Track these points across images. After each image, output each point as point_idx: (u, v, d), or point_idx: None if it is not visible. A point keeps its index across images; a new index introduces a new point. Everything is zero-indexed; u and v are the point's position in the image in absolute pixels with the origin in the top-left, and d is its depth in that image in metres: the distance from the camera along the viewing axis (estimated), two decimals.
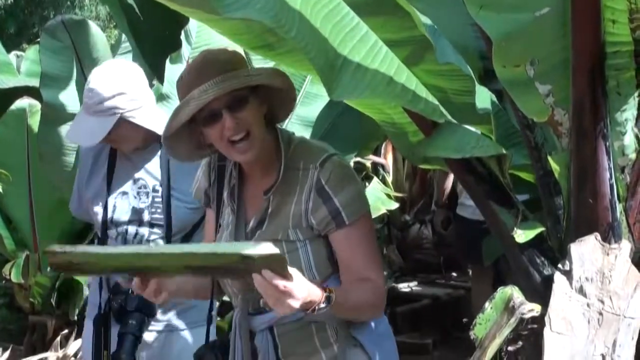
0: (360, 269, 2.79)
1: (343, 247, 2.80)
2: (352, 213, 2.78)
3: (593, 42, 2.70)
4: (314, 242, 2.81)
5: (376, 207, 6.93)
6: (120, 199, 3.97)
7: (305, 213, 2.78)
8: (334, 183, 2.76)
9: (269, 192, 2.84)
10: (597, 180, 2.83)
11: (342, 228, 2.77)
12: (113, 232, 3.97)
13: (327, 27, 2.63)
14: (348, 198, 2.77)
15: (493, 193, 3.13)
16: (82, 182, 4.08)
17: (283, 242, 2.79)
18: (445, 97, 3.26)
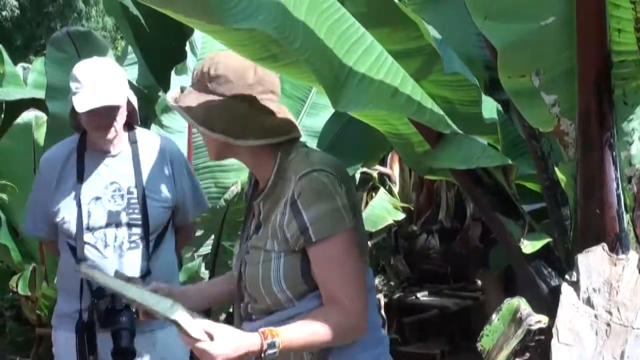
0: (330, 290, 2.70)
1: (315, 264, 2.71)
2: (320, 231, 2.66)
3: (599, 52, 2.69)
4: (288, 255, 2.73)
5: (383, 218, 6.93)
6: (94, 204, 3.99)
7: (280, 225, 2.72)
8: (305, 198, 2.67)
9: (257, 199, 2.84)
10: (604, 191, 2.82)
11: (312, 245, 2.68)
12: (90, 237, 3.97)
13: (332, 38, 2.62)
14: (318, 215, 2.66)
15: (499, 204, 3.12)
16: (45, 195, 4.04)
17: (262, 250, 2.77)
18: (451, 107, 3.25)
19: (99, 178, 4.01)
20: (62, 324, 4.10)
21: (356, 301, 2.70)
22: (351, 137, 5.65)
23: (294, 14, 2.48)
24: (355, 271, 2.73)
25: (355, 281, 2.71)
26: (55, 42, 5.69)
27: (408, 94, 2.75)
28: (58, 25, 27.42)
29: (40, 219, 4.13)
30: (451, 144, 3.11)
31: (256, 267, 2.77)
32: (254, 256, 2.80)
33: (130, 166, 4.03)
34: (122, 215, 3.99)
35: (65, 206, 3.99)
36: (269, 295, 2.74)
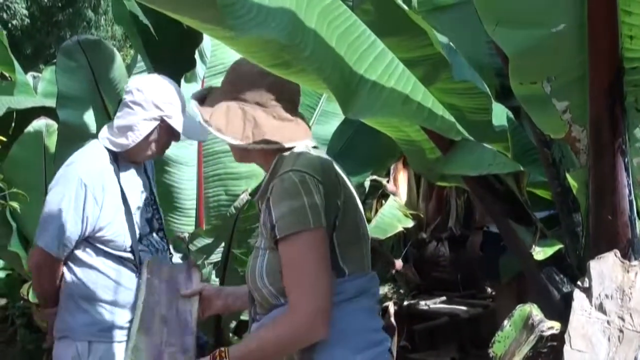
0: (287, 286, 2.73)
1: (281, 258, 2.74)
2: (283, 228, 2.70)
3: (610, 58, 2.69)
4: (271, 252, 2.78)
5: (393, 225, 6.93)
6: (137, 213, 4.07)
7: (264, 222, 2.80)
8: (275, 196, 2.73)
9: (254, 197, 2.97)
10: (616, 197, 2.82)
11: (279, 241, 2.72)
12: (142, 246, 4.05)
13: (342, 46, 2.62)
14: (282, 212, 2.70)
15: (511, 211, 3.12)
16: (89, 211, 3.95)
17: (255, 247, 2.88)
18: (461, 115, 3.25)
19: (134, 188, 4.09)
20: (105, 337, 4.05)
21: (305, 304, 2.69)
22: (361, 144, 5.65)
23: (305, 22, 2.48)
24: (312, 273, 2.71)
25: (310, 283, 2.70)
26: (65, 51, 5.70)
27: (419, 101, 2.75)
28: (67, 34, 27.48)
29: (69, 237, 3.99)
30: (462, 151, 3.11)
31: (250, 263, 2.87)
32: (253, 254, 2.88)
33: (144, 175, 4.18)
34: (154, 221, 4.16)
35: (116, 219, 3.99)
36: (257, 291, 2.81)
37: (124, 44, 26.73)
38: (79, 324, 4.05)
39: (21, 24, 26.26)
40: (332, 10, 2.63)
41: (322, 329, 2.69)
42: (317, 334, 2.70)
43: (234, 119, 2.79)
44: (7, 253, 6.85)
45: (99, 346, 4.05)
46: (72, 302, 4.08)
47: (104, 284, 4.02)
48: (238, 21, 2.28)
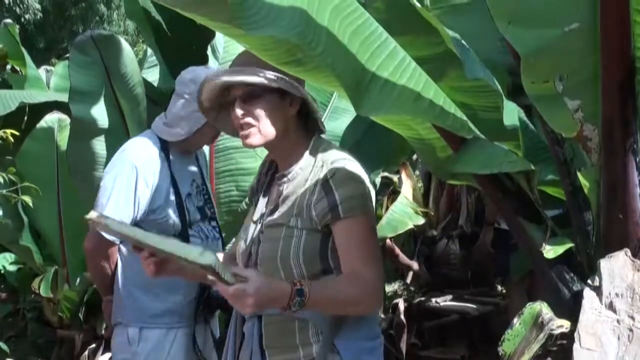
0: (353, 261, 2.85)
1: (339, 238, 2.87)
2: (349, 209, 2.85)
3: (623, 57, 2.69)
4: (310, 234, 2.89)
5: (403, 222, 6.92)
6: (188, 200, 4.16)
7: (308, 204, 2.90)
8: (339, 178, 2.87)
9: (282, 178, 3.02)
10: (627, 196, 2.82)
11: (338, 221, 2.85)
12: (191, 231, 4.14)
13: (355, 43, 2.63)
14: (348, 194, 2.86)
15: (522, 209, 3.12)
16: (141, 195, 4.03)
17: (284, 227, 2.93)
18: (472, 113, 3.25)
19: (185, 177, 4.19)
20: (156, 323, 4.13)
21: (376, 275, 2.86)
22: (372, 141, 5.65)
23: (316, 20, 2.49)
24: (376, 251, 2.93)
25: (375, 258, 2.90)
26: (78, 46, 5.71)
27: (430, 98, 2.76)
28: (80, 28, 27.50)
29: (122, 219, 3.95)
30: (474, 149, 3.11)
31: (276, 242, 2.93)
32: (273, 233, 2.96)
33: (196, 165, 4.30)
34: (206, 209, 4.25)
35: (166, 204, 4.09)
36: (285, 268, 2.89)
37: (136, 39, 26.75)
38: (130, 310, 4.16)
39: (34, 18, 26.27)
40: (344, 8, 2.64)
41: (378, 306, 3.01)
42: (376, 303, 2.94)
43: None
44: (18, 247, 6.89)
45: (150, 332, 4.14)
46: (125, 288, 4.18)
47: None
48: (249, 20, 2.29)
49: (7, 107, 6.85)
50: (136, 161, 4.06)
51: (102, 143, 5.80)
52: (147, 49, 7.74)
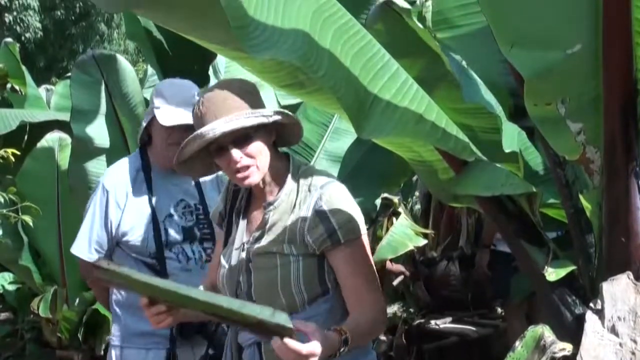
0: (358, 288, 2.88)
1: (341, 267, 2.89)
2: (348, 233, 2.86)
3: (625, 80, 2.69)
4: (306, 259, 2.90)
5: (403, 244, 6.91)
6: (168, 221, 4.09)
7: (300, 231, 2.89)
8: (332, 204, 2.87)
9: (269, 206, 2.98)
10: (630, 219, 2.82)
11: (338, 247, 2.86)
12: (169, 253, 4.07)
13: (357, 65, 2.63)
14: (345, 219, 2.87)
15: (523, 231, 3.12)
16: (113, 216, 4.07)
17: (277, 255, 2.92)
18: (474, 135, 3.25)
19: (168, 196, 4.13)
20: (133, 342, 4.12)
21: (379, 299, 2.93)
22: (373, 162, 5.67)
23: (319, 42, 2.49)
24: (374, 271, 2.96)
25: (375, 278, 2.95)
26: (80, 65, 5.74)
27: (432, 120, 2.76)
28: (80, 47, 27.57)
29: (98, 241, 4.13)
30: (475, 171, 3.11)
31: (271, 270, 2.92)
32: (265, 261, 2.94)
33: (192, 184, 4.17)
34: (194, 230, 4.14)
35: (140, 225, 4.06)
36: (287, 297, 2.90)
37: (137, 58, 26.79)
38: (116, 330, 4.17)
39: (34, 37, 26.33)
40: (347, 30, 2.65)
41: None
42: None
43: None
44: (18, 267, 6.88)
45: (129, 352, 4.13)
46: (113, 309, 4.20)
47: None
48: (251, 42, 2.28)
49: (7, 126, 6.86)
50: (108, 185, 4.12)
51: (103, 162, 5.81)
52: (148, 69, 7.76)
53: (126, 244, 4.07)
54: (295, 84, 2.77)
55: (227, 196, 3.21)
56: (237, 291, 3.00)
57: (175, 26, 2.67)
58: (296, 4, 2.45)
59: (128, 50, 28.84)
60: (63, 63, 27.62)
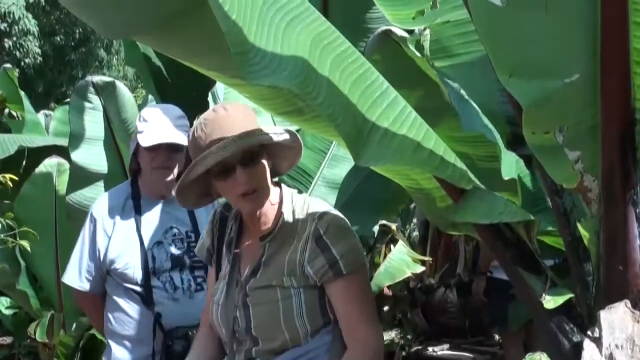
0: (352, 325, 2.83)
1: (340, 298, 2.85)
2: (350, 263, 2.83)
3: (623, 109, 2.69)
4: (307, 290, 2.85)
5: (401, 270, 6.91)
6: (156, 249, 4.07)
7: (301, 262, 2.84)
8: (333, 234, 2.83)
9: (266, 239, 2.93)
10: (627, 247, 2.82)
11: (339, 278, 2.82)
12: (157, 282, 4.04)
13: (356, 93, 2.63)
14: (346, 249, 2.83)
15: (521, 259, 3.12)
16: (100, 243, 4.10)
17: (277, 288, 2.86)
18: (471, 162, 3.26)
19: (157, 223, 4.11)
20: None
21: (377, 337, 2.88)
22: (371, 189, 5.67)
23: (317, 70, 2.48)
24: (373, 306, 2.93)
25: (375, 318, 2.90)
26: (79, 91, 5.76)
27: (431, 148, 2.76)
28: (80, 73, 27.65)
29: (88, 270, 4.15)
30: (473, 199, 3.11)
31: (272, 304, 2.86)
32: (264, 296, 2.88)
33: (184, 211, 4.11)
34: (184, 258, 4.10)
35: (126, 252, 4.06)
36: (290, 331, 2.84)
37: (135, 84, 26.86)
38: (107, 357, 4.18)
39: (34, 62, 26.39)
40: (345, 58, 2.65)
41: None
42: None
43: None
44: (15, 291, 6.88)
45: None
46: (104, 336, 4.23)
47: (119, 318, 4.10)
48: (251, 69, 2.28)
49: (5, 151, 6.87)
50: (96, 213, 4.16)
51: (101, 188, 5.82)
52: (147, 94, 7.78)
53: (115, 272, 4.08)
54: (293, 111, 2.77)
55: (214, 229, 3.15)
56: (235, 327, 2.95)
57: (174, 53, 2.68)
58: (296, 31, 2.46)
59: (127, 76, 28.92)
60: (62, 88, 27.69)
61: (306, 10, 2.52)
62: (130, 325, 4.08)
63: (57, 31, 28.01)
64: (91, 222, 4.15)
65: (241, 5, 2.26)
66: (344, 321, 2.84)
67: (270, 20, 2.37)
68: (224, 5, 2.17)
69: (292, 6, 2.47)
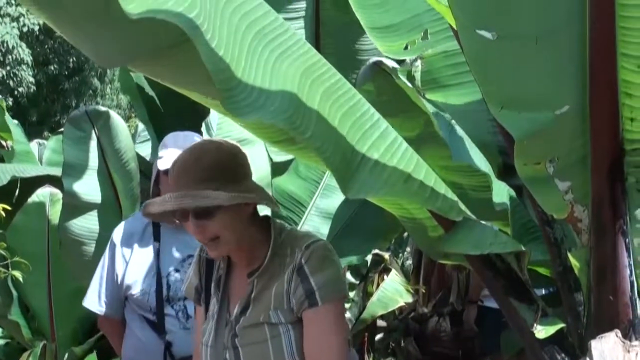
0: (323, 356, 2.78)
1: (311, 328, 2.78)
2: (326, 294, 2.77)
3: (612, 140, 2.72)
4: (296, 328, 2.80)
5: (394, 300, 6.91)
6: (172, 276, 4.08)
7: (286, 293, 2.80)
8: (313, 264, 2.79)
9: (253, 275, 2.88)
10: (617, 277, 2.83)
11: (313, 307, 2.76)
12: (170, 310, 4.05)
13: (346, 125, 2.62)
14: (325, 280, 2.78)
15: (512, 289, 3.13)
16: (119, 268, 4.13)
17: (265, 324, 2.81)
18: (463, 193, 3.27)
19: (175, 251, 4.12)
20: None
21: None
22: (364, 219, 5.67)
23: (307, 103, 2.47)
24: (345, 339, 2.83)
25: (344, 349, 2.81)
26: (73, 121, 5.74)
27: (421, 180, 2.77)
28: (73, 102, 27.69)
29: (109, 294, 4.19)
30: (464, 229, 3.12)
31: (262, 344, 2.81)
32: (254, 335, 2.83)
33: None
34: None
35: (142, 279, 4.08)
36: None
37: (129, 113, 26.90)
38: None
39: (27, 91, 26.43)
40: (335, 90, 2.64)
41: None
42: None
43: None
44: (7, 322, 6.84)
45: None
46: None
47: (133, 344, 4.15)
48: (237, 105, 2.25)
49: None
50: (116, 238, 4.19)
51: (94, 218, 5.80)
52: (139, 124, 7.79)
53: (131, 298, 4.12)
54: (286, 141, 2.77)
55: (200, 268, 3.10)
56: None
57: (169, 81, 2.69)
58: (284, 64, 2.45)
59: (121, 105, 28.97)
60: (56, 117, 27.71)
61: (296, 44, 2.52)
62: (142, 352, 4.10)
63: (50, 60, 28.06)
64: (111, 248, 4.19)
65: (229, 41, 2.26)
66: (311, 352, 2.78)
67: (259, 55, 2.36)
68: (211, 42, 2.17)
69: (281, 40, 2.47)
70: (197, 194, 2.71)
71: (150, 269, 4.09)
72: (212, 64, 2.15)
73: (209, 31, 2.18)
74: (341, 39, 5.95)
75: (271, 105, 2.31)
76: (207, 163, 2.79)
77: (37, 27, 26.12)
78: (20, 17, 25.83)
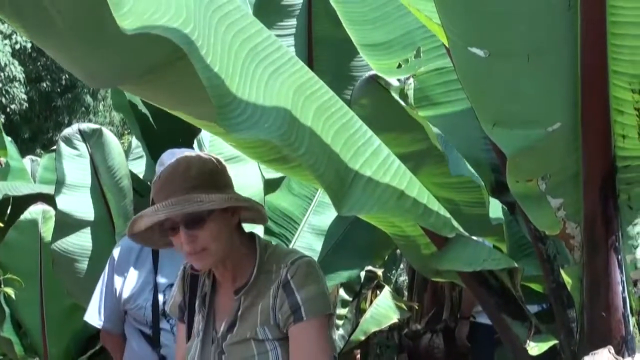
0: None
1: (295, 343, 2.76)
2: (312, 310, 2.75)
3: (603, 157, 2.72)
4: (284, 344, 2.79)
5: (387, 316, 6.91)
6: (168, 291, 4.07)
7: (272, 309, 2.78)
8: (299, 279, 2.77)
9: (240, 292, 2.87)
10: (610, 294, 2.83)
11: (298, 322, 2.75)
12: (166, 324, 4.09)
13: (339, 142, 2.64)
14: (310, 295, 2.77)
15: (505, 306, 3.13)
16: (118, 283, 4.17)
17: (252, 341, 2.80)
18: (456, 208, 3.28)
19: (173, 266, 4.08)
20: None
21: None
22: (357, 236, 5.67)
23: (300, 120, 2.48)
24: (330, 353, 2.80)
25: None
26: (66, 138, 5.74)
27: (414, 197, 2.78)
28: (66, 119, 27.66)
29: (109, 308, 4.25)
30: (457, 246, 3.12)
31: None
32: (240, 351, 2.81)
33: None
34: None
35: (140, 293, 4.14)
36: None
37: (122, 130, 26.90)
38: None
39: (20, 108, 26.42)
40: (328, 107, 2.65)
41: None
42: None
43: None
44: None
45: None
46: None
47: (131, 358, 4.14)
48: (232, 122, 2.25)
49: None
50: (115, 254, 4.26)
51: (87, 235, 5.80)
52: (133, 141, 7.79)
53: (129, 312, 4.17)
54: (278, 159, 2.78)
55: (184, 286, 3.09)
56: None
57: (160, 102, 2.69)
58: (278, 82, 2.46)
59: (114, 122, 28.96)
60: (48, 134, 27.68)
61: (289, 61, 2.54)
62: None
63: (43, 77, 28.06)
64: (110, 263, 4.26)
65: (223, 58, 2.27)
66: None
67: (252, 72, 2.37)
68: (205, 58, 2.17)
69: (274, 57, 2.48)
70: (190, 199, 2.72)
71: (147, 284, 4.13)
72: (208, 80, 2.15)
73: (204, 47, 2.18)
74: (333, 56, 5.96)
75: (265, 122, 2.32)
76: (195, 172, 2.80)
77: (29, 45, 26.12)
78: (13, 35, 25.83)
